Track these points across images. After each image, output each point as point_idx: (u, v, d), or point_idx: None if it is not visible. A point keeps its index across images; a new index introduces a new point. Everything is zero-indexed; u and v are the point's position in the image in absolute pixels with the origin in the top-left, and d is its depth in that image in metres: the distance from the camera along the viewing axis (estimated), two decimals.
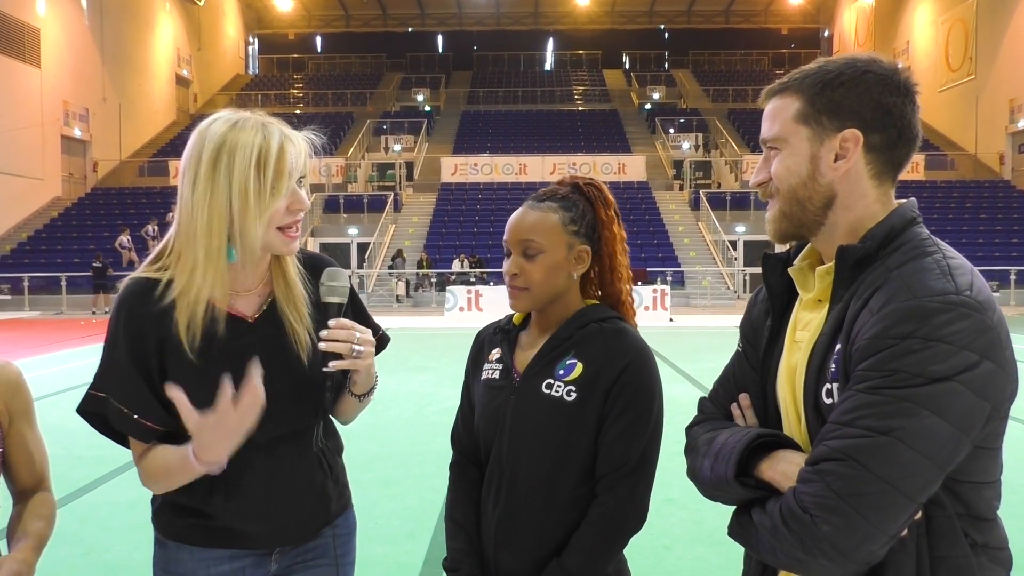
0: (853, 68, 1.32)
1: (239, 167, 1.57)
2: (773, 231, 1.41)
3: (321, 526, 1.76)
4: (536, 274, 1.72)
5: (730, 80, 44.24)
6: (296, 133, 1.66)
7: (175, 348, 1.60)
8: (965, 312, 1.18)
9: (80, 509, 4.94)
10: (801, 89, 1.35)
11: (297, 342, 1.68)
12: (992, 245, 25.83)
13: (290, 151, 1.61)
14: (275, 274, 1.72)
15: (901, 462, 1.15)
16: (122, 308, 1.62)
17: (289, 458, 1.69)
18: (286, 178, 1.60)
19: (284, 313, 1.69)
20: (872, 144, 1.32)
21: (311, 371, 1.68)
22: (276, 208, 1.60)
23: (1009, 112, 31.08)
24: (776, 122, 1.37)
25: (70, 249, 26.01)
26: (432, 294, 24.05)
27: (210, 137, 1.59)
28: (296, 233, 1.66)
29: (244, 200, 1.57)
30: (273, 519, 1.68)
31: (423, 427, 7.28)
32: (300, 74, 48.16)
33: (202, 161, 1.59)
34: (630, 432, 1.67)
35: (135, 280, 1.64)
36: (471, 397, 1.86)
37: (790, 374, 1.38)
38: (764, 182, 1.40)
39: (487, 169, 31.86)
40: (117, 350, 1.61)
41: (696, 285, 24.78)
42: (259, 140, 1.59)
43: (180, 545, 1.69)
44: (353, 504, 1.90)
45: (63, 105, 29.64)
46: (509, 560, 1.71)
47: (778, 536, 1.23)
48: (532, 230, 1.73)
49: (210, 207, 1.58)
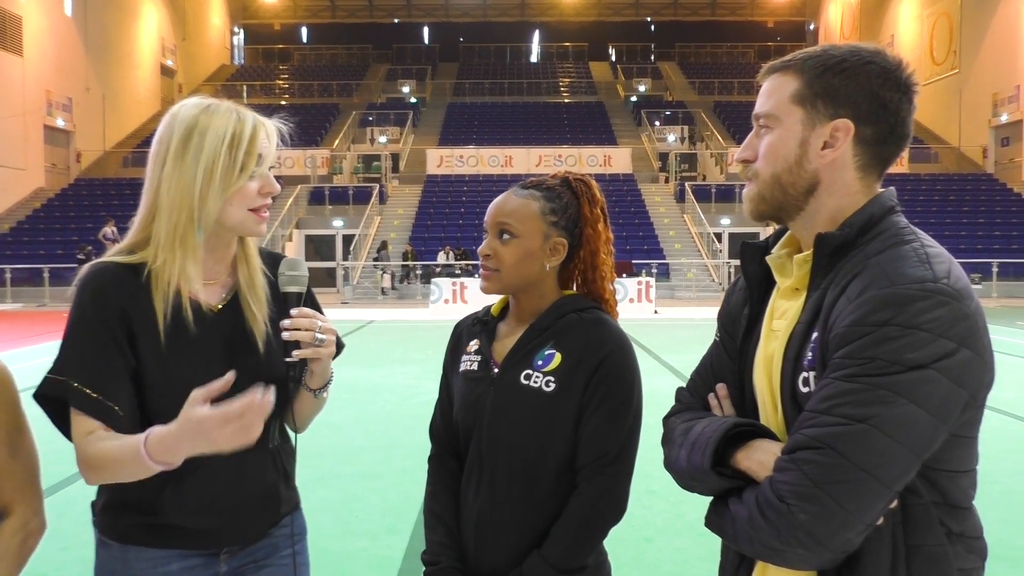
0: (857, 56, 1.31)
1: (209, 146, 1.56)
2: (751, 210, 1.41)
3: (270, 526, 1.73)
4: (507, 257, 1.72)
5: (716, 73, 44.28)
6: (267, 120, 1.65)
7: (143, 331, 1.57)
8: (943, 300, 1.17)
9: (58, 504, 4.89)
10: (802, 70, 1.34)
11: (257, 334, 1.66)
12: (975, 238, 26.00)
13: (262, 134, 1.61)
14: (239, 263, 1.70)
15: (877, 450, 1.15)
16: (86, 291, 1.58)
17: (243, 455, 1.62)
18: (255, 158, 1.60)
19: (247, 304, 1.67)
20: (863, 136, 1.31)
21: (270, 365, 1.65)
22: (246, 188, 1.60)
23: (992, 106, 31.29)
24: (772, 99, 1.36)
25: (53, 240, 25.80)
26: (417, 286, 24.01)
27: (181, 119, 1.59)
28: (266, 215, 1.66)
29: (210, 176, 1.56)
30: (223, 516, 1.64)
31: (406, 420, 7.26)
32: (286, 65, 47.90)
33: (172, 142, 1.58)
34: (610, 422, 1.67)
35: (100, 264, 1.61)
36: (450, 389, 1.85)
37: (767, 363, 1.37)
38: (748, 161, 1.39)
39: (473, 161, 31.80)
40: (82, 333, 1.56)
41: (681, 277, 24.85)
42: (232, 121, 1.59)
43: (125, 546, 1.63)
44: (332, 502, 1.90)
45: (46, 95, 29.36)
46: (489, 552, 1.71)
47: (755, 526, 1.22)
48: (510, 214, 1.73)
49: (178, 185, 1.57)
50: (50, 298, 22.53)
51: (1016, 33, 29.83)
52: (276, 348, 1.67)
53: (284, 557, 1.75)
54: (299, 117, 31.25)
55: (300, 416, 1.78)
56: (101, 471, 1.55)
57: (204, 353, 1.58)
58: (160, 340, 1.57)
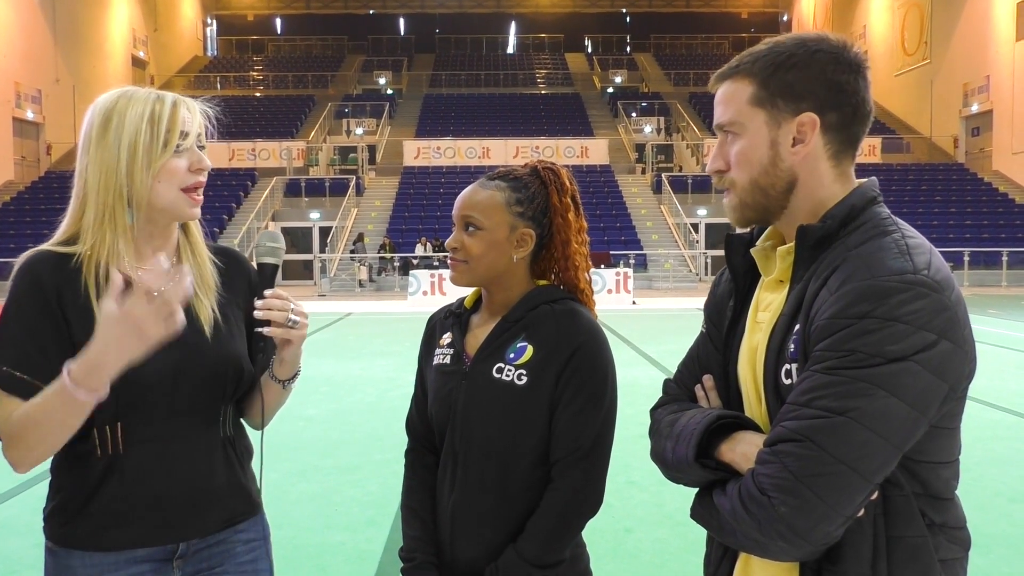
0: (804, 48, 1.31)
1: (129, 123, 1.54)
2: (736, 219, 1.40)
3: (223, 523, 1.66)
4: (474, 249, 1.70)
5: (691, 64, 44.43)
6: (190, 100, 1.63)
7: (77, 317, 1.53)
8: (923, 292, 1.17)
9: (31, 500, 4.83)
10: (752, 72, 1.33)
11: (203, 319, 1.62)
12: (946, 227, 26.32)
13: (182, 110, 1.59)
14: (183, 250, 1.67)
15: (857, 442, 1.15)
16: (23, 277, 1.54)
17: (191, 442, 1.60)
18: (177, 132, 1.57)
19: (193, 290, 1.62)
20: (829, 124, 1.31)
21: (217, 350, 1.62)
22: (174, 164, 1.57)
23: (963, 96, 31.65)
24: (731, 107, 1.35)
25: (23, 234, 25.42)
26: (395, 278, 23.95)
27: (100, 105, 1.58)
28: (200, 197, 1.62)
29: (133, 153, 1.54)
30: (170, 506, 1.58)
31: (385, 412, 7.24)
32: (260, 56, 47.49)
33: (93, 128, 1.56)
34: (583, 415, 1.65)
35: (37, 251, 1.57)
36: (424, 383, 1.83)
37: (751, 355, 1.37)
38: (721, 171, 1.38)
39: (450, 152, 31.72)
40: (15, 317, 1.52)
41: (658, 268, 24.96)
42: (152, 99, 1.57)
43: (70, 551, 1.56)
44: (311, 496, 1.87)
45: (14, 87, 28.92)
46: (465, 547, 1.69)
47: (737, 518, 1.22)
48: (475, 206, 1.71)
49: (102, 167, 1.54)
50: None
51: (986, 23, 30.17)
52: (224, 334, 1.64)
53: (243, 564, 1.69)
54: (274, 109, 31.01)
55: (265, 407, 1.71)
56: (25, 439, 1.44)
57: None
58: (95, 325, 1.46)
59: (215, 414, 1.64)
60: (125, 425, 1.54)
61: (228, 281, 1.70)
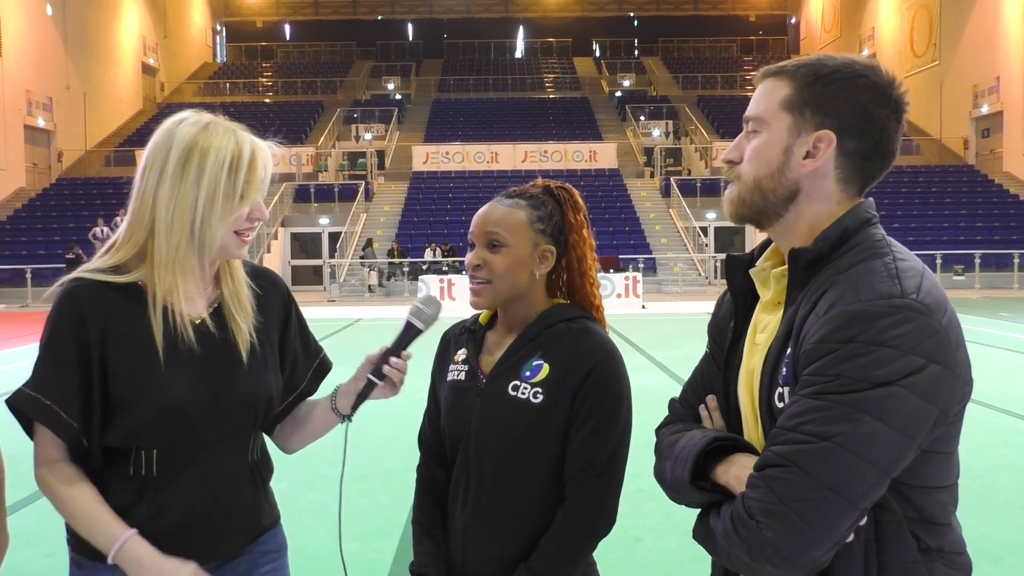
0: (850, 69, 1.32)
1: (211, 169, 1.56)
2: (730, 212, 1.41)
3: (247, 543, 1.70)
4: (499, 266, 1.70)
5: (699, 67, 44.33)
6: (263, 142, 1.65)
7: (123, 347, 1.56)
8: (909, 315, 1.16)
9: (41, 510, 4.84)
10: (795, 76, 1.34)
11: (241, 344, 1.65)
12: (957, 229, 26.19)
13: (260, 160, 1.62)
14: (223, 275, 1.70)
15: (842, 468, 1.15)
16: (62, 311, 1.55)
17: (222, 466, 1.63)
18: (256, 186, 1.61)
19: (231, 315, 1.66)
20: (846, 149, 1.31)
21: (253, 376, 1.65)
22: (239, 214, 1.60)
23: (972, 97, 31.48)
24: (763, 102, 1.36)
25: (35, 241, 25.58)
26: (404, 283, 23.96)
27: (180, 137, 1.57)
28: (249, 237, 1.66)
29: (212, 203, 1.56)
30: (199, 530, 1.61)
31: (394, 419, 7.21)
32: (269, 62, 47.62)
33: (170, 160, 1.56)
34: (598, 434, 1.65)
35: (80, 281, 1.58)
36: (438, 398, 1.84)
37: (749, 377, 1.37)
38: (733, 162, 1.39)
39: (459, 157, 31.73)
40: (52, 352, 1.55)
41: (668, 272, 24.91)
42: (232, 145, 1.58)
43: (97, 565, 1.58)
44: (321, 506, 1.90)
45: (26, 94, 29.08)
46: (476, 564, 1.70)
47: (729, 541, 1.23)
48: (498, 223, 1.72)
49: (176, 206, 1.56)
50: (32, 299, 22.31)
51: (996, 24, 30.02)
52: (260, 359, 1.67)
53: (264, 574, 1.73)
54: (283, 115, 30.98)
55: (308, 436, 1.83)
56: (54, 503, 1.59)
57: (186, 366, 1.57)
58: (144, 357, 1.56)
59: (245, 441, 1.68)
60: (160, 451, 1.58)
61: (264, 305, 1.73)
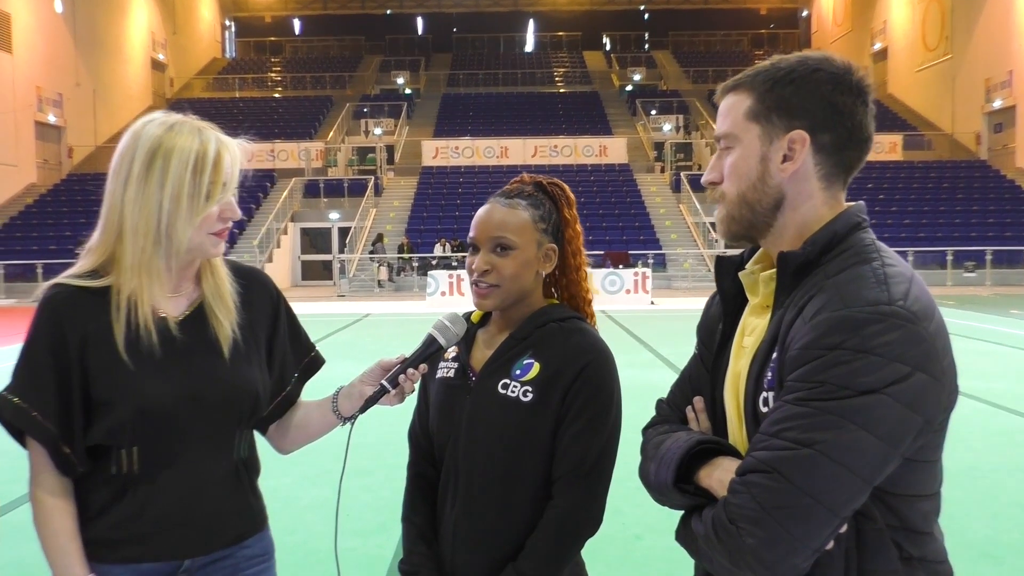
0: (804, 65, 1.31)
1: (175, 170, 1.56)
2: (723, 232, 1.40)
3: (231, 540, 1.70)
4: (508, 269, 1.70)
5: (710, 61, 44.16)
6: (231, 140, 1.64)
7: (102, 352, 1.57)
8: (897, 323, 1.15)
9: None
10: (753, 86, 1.33)
11: (223, 340, 1.65)
12: (969, 225, 26.02)
13: (226, 159, 1.60)
14: (204, 273, 1.70)
15: (824, 475, 1.14)
16: (43, 314, 1.58)
17: (204, 465, 1.64)
18: (221, 186, 1.60)
19: (212, 312, 1.66)
20: (821, 144, 1.30)
21: (236, 373, 1.65)
22: (209, 214, 1.59)
23: (985, 91, 31.25)
24: (728, 119, 1.36)
25: (46, 236, 25.71)
26: (414, 278, 23.99)
27: (145, 138, 1.57)
28: (225, 236, 1.66)
29: (177, 204, 1.56)
30: (178, 529, 1.62)
31: (399, 414, 7.23)
32: (278, 57, 47.68)
33: (135, 162, 1.57)
34: (587, 433, 1.65)
35: (60, 286, 1.61)
36: (428, 395, 1.84)
37: (735, 380, 1.37)
38: (715, 183, 1.39)
39: (468, 152, 31.73)
40: (34, 356, 1.57)
41: (677, 267, 24.86)
42: (196, 145, 1.57)
43: (97, 565, 1.59)
44: (323, 500, 1.91)
45: (36, 91, 29.23)
46: (466, 562, 1.70)
47: (710, 545, 1.22)
48: (503, 226, 1.71)
49: (142, 209, 1.56)
50: None
51: (1008, 18, 29.78)
52: (244, 357, 1.67)
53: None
54: (292, 110, 31.07)
55: (305, 437, 1.83)
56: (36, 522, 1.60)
57: (161, 365, 1.58)
58: (122, 358, 1.57)
59: (229, 438, 1.68)
60: (141, 448, 1.59)
61: (248, 303, 1.73)
